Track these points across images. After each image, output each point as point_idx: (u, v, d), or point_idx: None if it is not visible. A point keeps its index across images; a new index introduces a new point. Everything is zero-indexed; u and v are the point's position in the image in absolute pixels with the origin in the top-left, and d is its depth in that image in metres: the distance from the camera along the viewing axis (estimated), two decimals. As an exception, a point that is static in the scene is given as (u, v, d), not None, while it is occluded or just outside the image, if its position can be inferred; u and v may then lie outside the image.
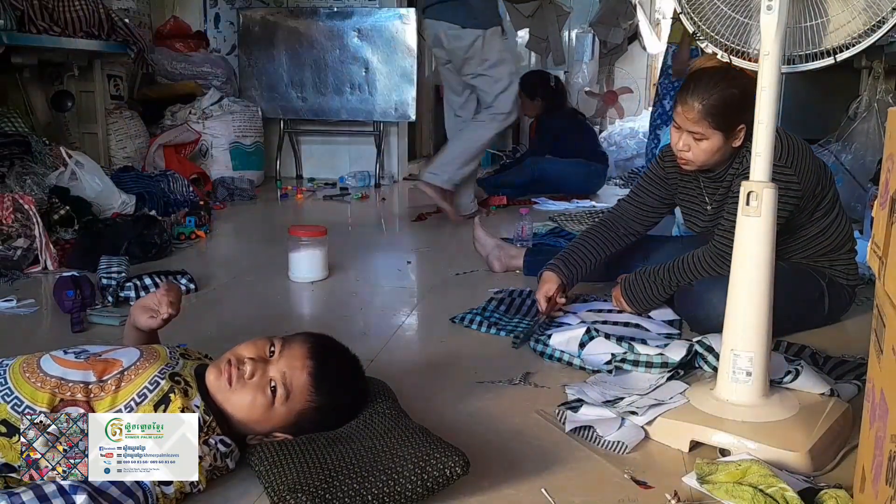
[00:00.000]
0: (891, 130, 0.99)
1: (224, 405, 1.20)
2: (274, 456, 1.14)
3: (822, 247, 1.93)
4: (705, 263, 1.87)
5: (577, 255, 2.06)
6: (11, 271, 2.40)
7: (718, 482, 1.15)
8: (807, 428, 1.29)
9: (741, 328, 1.33)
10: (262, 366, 1.21)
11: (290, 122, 4.92)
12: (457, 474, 1.11)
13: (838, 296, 1.96)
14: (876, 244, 0.98)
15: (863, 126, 3.35)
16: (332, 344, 1.31)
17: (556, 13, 5.83)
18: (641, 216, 2.09)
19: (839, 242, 1.94)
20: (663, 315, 1.99)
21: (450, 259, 2.79)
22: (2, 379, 1.13)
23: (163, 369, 1.18)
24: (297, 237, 2.45)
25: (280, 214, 3.73)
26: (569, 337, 1.75)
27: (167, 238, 2.77)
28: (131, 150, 3.86)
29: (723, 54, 1.42)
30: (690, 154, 1.82)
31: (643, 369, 1.56)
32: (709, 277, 1.85)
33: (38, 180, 2.98)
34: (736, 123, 1.76)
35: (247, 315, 2.22)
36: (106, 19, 3.62)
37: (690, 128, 1.78)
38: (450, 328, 2.02)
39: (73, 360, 1.18)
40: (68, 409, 1.10)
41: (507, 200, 4.06)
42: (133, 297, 2.14)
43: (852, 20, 1.28)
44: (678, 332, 1.89)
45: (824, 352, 1.75)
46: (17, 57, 3.25)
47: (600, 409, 1.41)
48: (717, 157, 1.83)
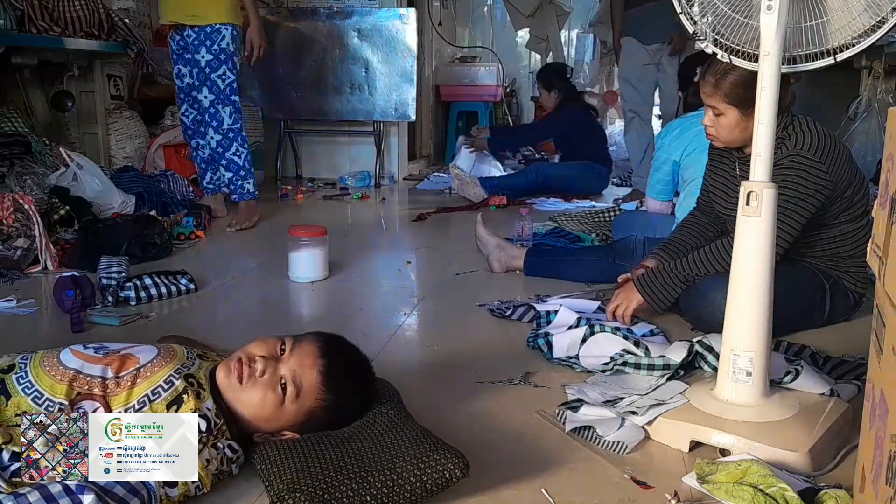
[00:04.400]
0: (891, 130, 0.99)
1: (234, 403, 1.20)
2: (274, 455, 1.14)
3: (838, 251, 1.90)
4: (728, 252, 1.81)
5: (677, 243, 2.06)
6: (11, 271, 2.40)
7: (718, 482, 1.15)
8: (807, 428, 1.29)
9: (741, 328, 1.33)
10: (273, 364, 1.21)
11: (290, 122, 4.92)
12: (456, 476, 1.11)
13: (843, 298, 1.95)
14: (876, 244, 0.98)
15: (863, 126, 3.35)
16: (342, 343, 1.31)
17: (556, 13, 5.83)
18: (708, 203, 2.09)
19: (856, 252, 1.90)
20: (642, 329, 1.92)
21: (450, 259, 2.79)
22: (23, 372, 1.15)
23: (178, 369, 1.19)
24: (297, 237, 2.45)
25: (280, 214, 3.73)
26: (569, 342, 1.74)
27: (167, 238, 2.77)
28: (131, 150, 3.86)
29: (723, 54, 1.42)
30: (713, 130, 1.86)
31: (645, 372, 1.56)
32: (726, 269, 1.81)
33: (38, 180, 2.98)
34: (751, 100, 1.75)
35: (247, 315, 2.22)
36: (106, 19, 3.62)
37: (709, 102, 1.82)
38: (450, 328, 2.02)
39: (93, 354, 1.20)
40: (84, 402, 1.12)
41: (507, 200, 4.06)
42: (133, 297, 2.14)
43: (852, 20, 1.28)
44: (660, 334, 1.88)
45: (824, 352, 1.75)
46: (17, 57, 3.25)
47: (600, 410, 1.41)
48: (738, 133, 1.83)
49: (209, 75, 3.22)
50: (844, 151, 1.82)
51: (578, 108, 4.63)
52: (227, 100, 3.28)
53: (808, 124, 1.77)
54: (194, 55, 3.23)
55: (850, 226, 1.88)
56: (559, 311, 1.94)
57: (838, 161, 1.78)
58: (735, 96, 1.76)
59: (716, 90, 1.79)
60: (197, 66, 3.24)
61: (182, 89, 3.35)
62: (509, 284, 2.45)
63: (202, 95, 3.27)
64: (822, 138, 1.77)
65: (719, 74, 1.77)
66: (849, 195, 1.84)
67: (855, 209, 1.87)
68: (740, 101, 1.76)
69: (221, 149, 3.34)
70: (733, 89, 1.76)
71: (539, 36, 5.88)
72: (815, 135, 1.76)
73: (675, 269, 1.91)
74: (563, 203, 4.12)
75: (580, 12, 6.80)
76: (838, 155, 1.78)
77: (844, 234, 1.89)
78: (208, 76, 3.23)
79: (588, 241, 2.94)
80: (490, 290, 2.43)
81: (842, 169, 1.79)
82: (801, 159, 1.74)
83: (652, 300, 1.92)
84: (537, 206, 3.98)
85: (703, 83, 1.82)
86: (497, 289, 2.43)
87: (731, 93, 1.77)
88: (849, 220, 1.87)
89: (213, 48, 3.19)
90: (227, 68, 3.24)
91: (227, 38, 3.23)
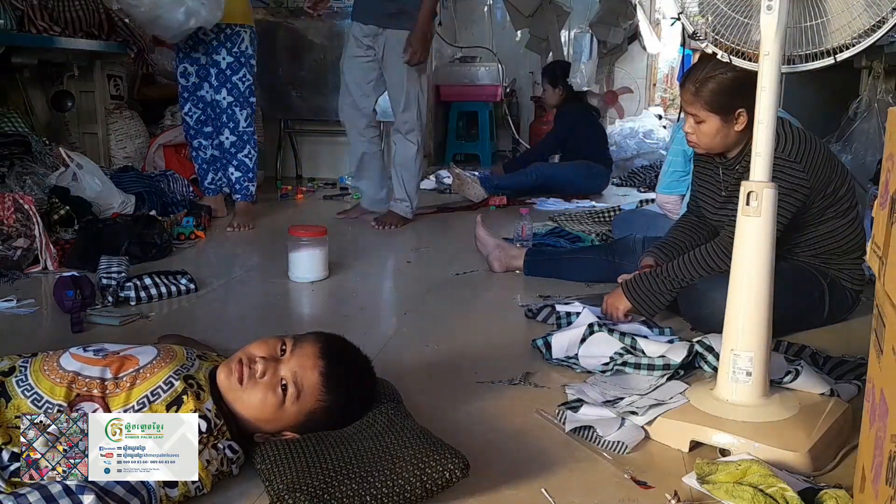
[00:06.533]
0: (891, 130, 0.99)
1: (234, 404, 1.20)
2: (274, 455, 1.14)
3: (829, 248, 1.92)
4: (714, 257, 1.83)
5: (672, 242, 2.07)
6: (11, 271, 2.39)
7: (718, 482, 1.15)
8: (807, 428, 1.29)
9: (741, 328, 1.33)
10: (274, 365, 1.21)
11: (290, 122, 4.92)
12: (456, 477, 1.11)
13: (840, 297, 1.96)
14: (876, 244, 0.98)
15: (863, 126, 3.35)
16: (343, 344, 1.31)
17: (556, 13, 5.82)
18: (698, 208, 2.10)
19: (849, 247, 1.92)
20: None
21: (450, 259, 2.79)
22: (23, 375, 1.16)
23: (178, 370, 1.19)
24: (297, 237, 2.45)
25: (280, 214, 3.73)
26: (568, 341, 1.74)
27: (167, 238, 2.77)
28: (131, 150, 3.86)
29: (723, 54, 1.42)
30: (695, 137, 1.88)
31: (645, 372, 1.56)
32: (716, 273, 1.81)
33: (38, 180, 2.98)
34: (732, 107, 1.79)
35: (247, 315, 2.22)
36: (106, 19, 3.62)
37: (689, 110, 1.84)
38: (450, 328, 2.02)
39: (92, 356, 1.20)
40: (83, 404, 1.12)
41: (507, 200, 4.06)
42: (133, 297, 2.14)
43: (852, 20, 1.28)
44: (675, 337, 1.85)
45: (824, 352, 1.75)
46: (17, 57, 3.25)
47: (600, 409, 1.41)
48: (720, 140, 1.85)
49: (230, 77, 3.24)
50: (821, 149, 1.83)
51: (579, 108, 4.63)
52: (246, 102, 3.30)
53: (783, 126, 1.78)
54: (212, 55, 3.24)
55: (839, 221, 1.89)
56: (581, 312, 1.90)
57: (815, 159, 1.79)
58: (715, 104, 1.79)
59: (696, 98, 1.80)
60: (216, 66, 3.25)
61: (187, 88, 3.35)
62: (509, 284, 2.45)
63: (220, 96, 3.29)
64: (795, 139, 1.78)
65: (699, 82, 1.79)
66: (831, 191, 1.85)
67: (840, 204, 1.88)
68: (720, 109, 1.79)
69: (234, 149, 3.36)
70: (713, 97, 1.78)
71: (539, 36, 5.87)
72: (788, 136, 1.78)
73: (662, 274, 1.90)
74: (563, 203, 4.12)
75: (580, 12, 6.78)
76: (814, 153, 1.80)
77: (834, 230, 1.90)
78: (229, 78, 3.25)
79: (588, 241, 2.94)
80: (490, 290, 2.43)
81: (819, 166, 1.81)
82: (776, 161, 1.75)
83: (640, 306, 1.90)
84: (537, 206, 3.98)
85: (684, 91, 1.84)
86: (497, 289, 2.43)
87: (710, 100, 1.79)
88: (835, 216, 1.88)
89: (234, 50, 3.22)
90: (246, 70, 3.28)
91: (247, 41, 3.26)
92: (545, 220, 3.39)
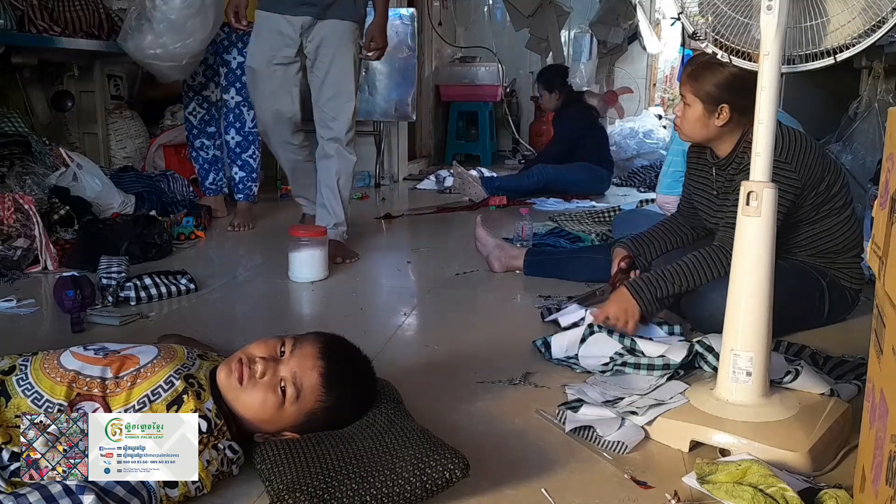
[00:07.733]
0: (891, 130, 0.99)
1: (234, 404, 1.20)
2: (274, 455, 1.14)
3: (826, 246, 1.92)
4: (710, 262, 1.79)
5: (647, 236, 2.10)
6: (11, 271, 2.40)
7: (718, 482, 1.15)
8: (807, 428, 1.29)
9: (741, 328, 1.33)
10: (274, 365, 1.21)
11: (290, 122, 4.90)
12: (457, 477, 1.11)
13: (840, 296, 1.96)
14: (876, 244, 0.98)
15: (863, 126, 3.35)
16: (343, 344, 1.31)
17: (556, 13, 5.82)
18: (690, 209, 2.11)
19: (846, 245, 1.93)
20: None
21: (450, 259, 2.79)
22: (23, 374, 1.15)
23: (178, 369, 1.19)
24: (297, 237, 2.45)
25: (280, 214, 3.72)
26: (568, 341, 1.74)
27: (167, 238, 2.77)
28: (131, 150, 3.86)
29: (723, 54, 1.42)
30: (679, 120, 1.90)
31: (645, 372, 1.56)
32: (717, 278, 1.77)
33: (38, 180, 2.98)
34: (717, 100, 1.80)
35: (247, 315, 2.22)
36: (106, 19, 3.62)
37: (681, 90, 1.87)
38: (450, 328, 2.02)
39: (92, 355, 1.20)
40: (84, 403, 1.12)
41: (507, 200, 4.06)
42: (133, 297, 2.14)
43: (852, 20, 1.28)
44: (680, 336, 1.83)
45: (824, 352, 1.75)
46: (17, 57, 3.25)
47: (600, 409, 1.41)
48: (700, 129, 1.86)
49: (240, 77, 3.23)
50: (812, 146, 1.84)
51: (579, 109, 4.62)
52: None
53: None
54: (223, 55, 3.24)
55: (835, 219, 1.90)
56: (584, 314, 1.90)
57: (806, 157, 1.80)
58: (703, 92, 1.81)
59: (689, 80, 1.84)
60: (226, 66, 3.26)
61: (192, 87, 3.35)
62: (509, 284, 2.45)
63: (228, 96, 3.29)
64: (785, 139, 1.78)
65: (697, 66, 1.82)
66: (824, 188, 1.85)
67: (835, 201, 1.88)
68: (707, 98, 1.81)
69: (239, 149, 3.36)
70: (703, 85, 1.81)
71: (539, 36, 5.87)
72: (779, 136, 1.75)
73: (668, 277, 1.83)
74: (563, 203, 4.12)
75: (580, 12, 6.79)
76: (804, 151, 1.80)
77: (831, 228, 1.90)
78: (238, 77, 3.24)
79: (588, 241, 2.94)
80: (490, 290, 2.43)
81: (811, 164, 1.81)
82: None
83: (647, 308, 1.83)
84: (537, 206, 3.98)
85: (684, 71, 1.87)
86: (497, 289, 2.43)
87: (700, 87, 1.81)
88: (830, 213, 1.89)
89: (245, 51, 3.20)
90: None
91: None
92: (545, 220, 3.39)
